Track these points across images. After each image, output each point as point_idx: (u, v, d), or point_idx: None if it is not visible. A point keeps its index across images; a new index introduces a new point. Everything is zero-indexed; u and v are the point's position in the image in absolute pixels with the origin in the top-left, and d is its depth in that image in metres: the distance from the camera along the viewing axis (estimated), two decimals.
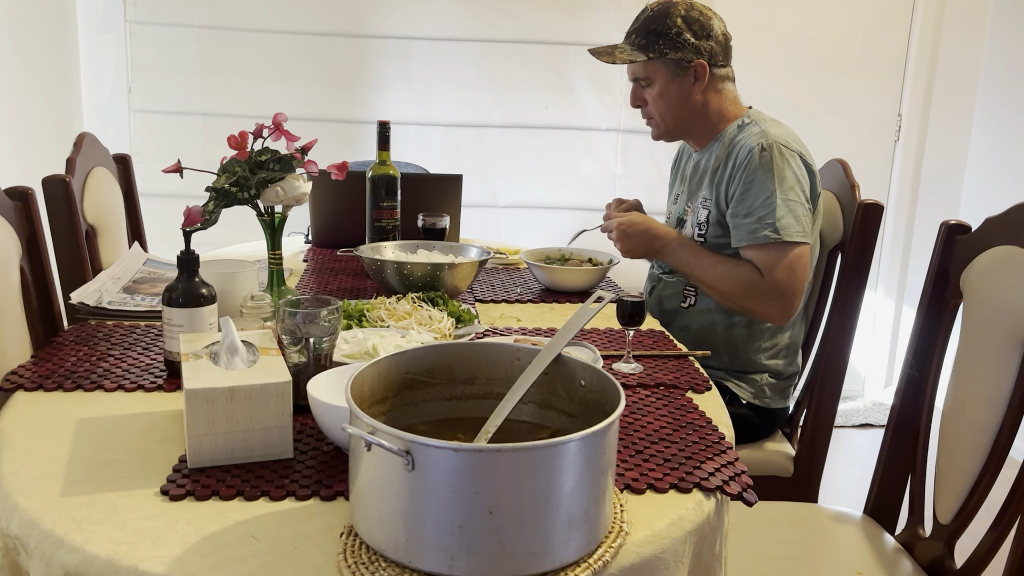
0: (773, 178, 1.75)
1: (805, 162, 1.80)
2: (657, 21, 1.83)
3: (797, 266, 1.75)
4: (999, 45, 3.44)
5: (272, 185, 1.54)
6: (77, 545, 0.87)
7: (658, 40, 1.82)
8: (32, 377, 1.31)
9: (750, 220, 1.76)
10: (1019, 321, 1.29)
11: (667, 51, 1.82)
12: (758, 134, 1.80)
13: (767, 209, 1.74)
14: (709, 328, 1.88)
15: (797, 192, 1.75)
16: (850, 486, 2.99)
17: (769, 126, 1.83)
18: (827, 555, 1.55)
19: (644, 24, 1.85)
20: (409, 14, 3.26)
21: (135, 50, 3.18)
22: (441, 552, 0.80)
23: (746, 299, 1.79)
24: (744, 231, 1.77)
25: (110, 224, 2.16)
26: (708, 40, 1.84)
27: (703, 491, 1.04)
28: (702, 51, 1.83)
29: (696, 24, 1.83)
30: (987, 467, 1.33)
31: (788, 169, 1.76)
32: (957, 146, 3.60)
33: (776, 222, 1.73)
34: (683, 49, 1.82)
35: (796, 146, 1.80)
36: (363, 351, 1.33)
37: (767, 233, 1.73)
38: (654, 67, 1.85)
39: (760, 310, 1.79)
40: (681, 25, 1.82)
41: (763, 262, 1.75)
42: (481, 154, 3.41)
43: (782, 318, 1.79)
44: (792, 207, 1.74)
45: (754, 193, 1.76)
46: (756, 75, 3.48)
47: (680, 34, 1.82)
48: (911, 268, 3.69)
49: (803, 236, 1.74)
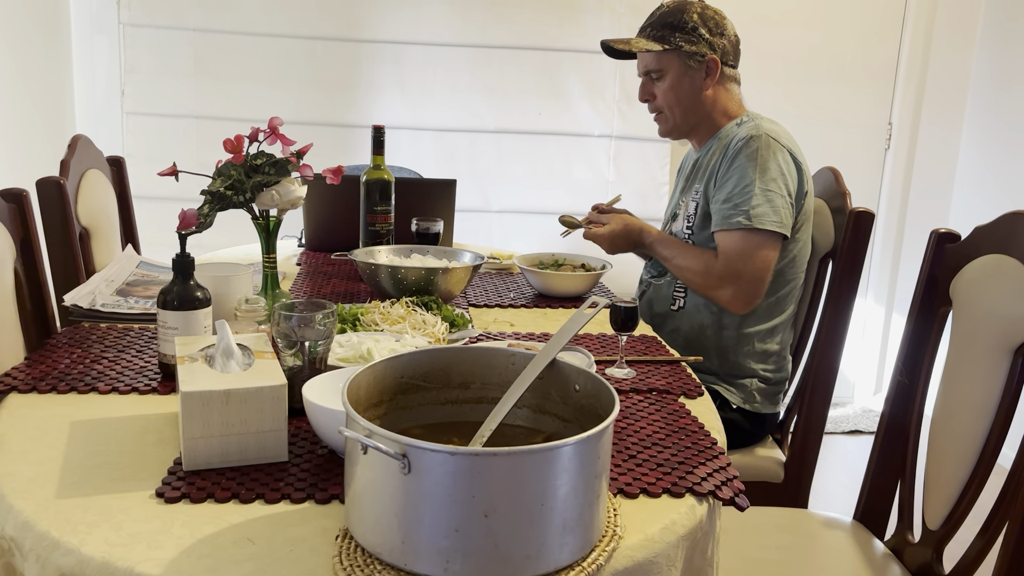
0: (756, 167, 1.78)
1: (794, 158, 1.83)
2: (674, 15, 1.88)
3: (758, 255, 1.76)
4: (989, 55, 3.47)
5: (267, 189, 1.54)
6: (72, 547, 0.87)
7: (674, 33, 1.87)
8: (26, 379, 1.31)
9: (727, 206, 1.80)
10: (1008, 329, 1.31)
11: (682, 44, 1.87)
12: (751, 127, 1.85)
13: (744, 196, 1.77)
14: (699, 331, 1.90)
15: (779, 184, 1.78)
16: (839, 492, 3.01)
17: (764, 122, 1.87)
18: (817, 560, 1.56)
19: (660, 18, 1.89)
20: (403, 19, 3.27)
21: (128, 52, 3.18)
22: (437, 555, 0.81)
23: (703, 284, 1.83)
24: (720, 216, 1.81)
25: (104, 226, 2.16)
26: (722, 38, 1.89)
27: (696, 496, 1.05)
28: (716, 47, 1.88)
29: (711, 22, 1.88)
30: (975, 474, 1.34)
31: (773, 161, 1.79)
32: (947, 155, 3.63)
33: (751, 209, 1.76)
34: (698, 43, 1.87)
35: (787, 142, 1.83)
36: (358, 355, 1.34)
37: (739, 219, 1.77)
38: (668, 59, 1.89)
39: (714, 295, 1.83)
40: (697, 21, 1.86)
41: (725, 247, 1.79)
42: (474, 159, 3.42)
43: (735, 304, 1.81)
44: (771, 197, 1.76)
45: (735, 180, 1.80)
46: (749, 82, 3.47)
47: (696, 29, 1.86)
48: (900, 275, 3.72)
49: (778, 226, 1.76)
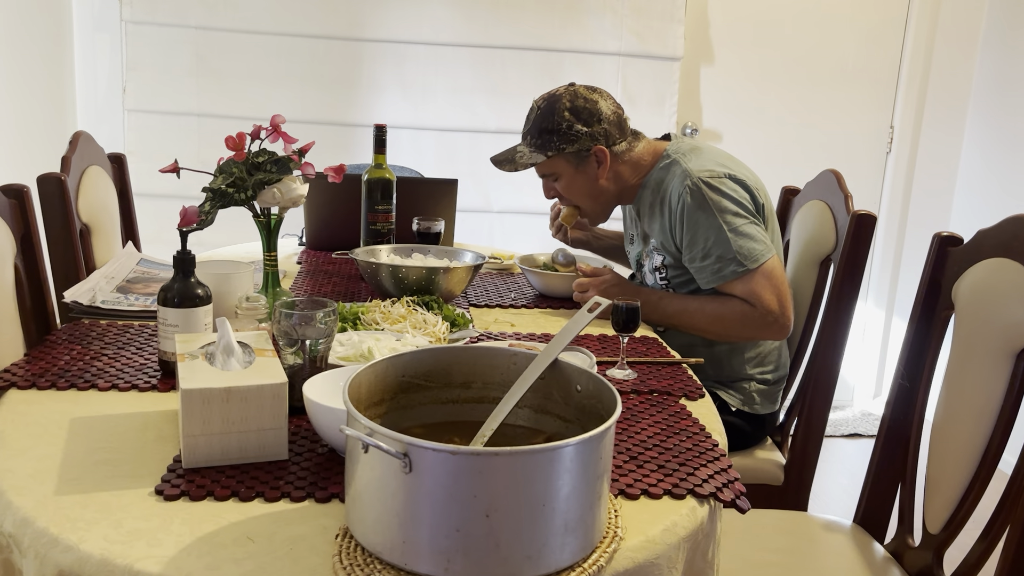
0: (713, 213, 1.74)
1: (736, 180, 1.78)
2: (546, 119, 1.82)
3: (776, 281, 1.75)
4: (991, 58, 3.47)
5: (269, 187, 1.54)
6: (71, 544, 0.87)
7: (552, 137, 1.82)
8: (25, 375, 1.31)
9: (710, 262, 1.75)
10: (1010, 333, 1.31)
11: (563, 146, 1.82)
12: (681, 174, 1.79)
13: (722, 247, 1.73)
14: (689, 345, 1.87)
15: (742, 215, 1.75)
16: (838, 495, 3.01)
17: (690, 161, 1.81)
18: (817, 563, 1.55)
19: (535, 124, 1.84)
20: (406, 18, 3.26)
21: (130, 50, 3.18)
22: (437, 555, 0.80)
23: (745, 330, 1.79)
24: (709, 273, 1.77)
25: (104, 223, 2.16)
26: (600, 124, 1.82)
27: (697, 498, 1.05)
28: (596, 136, 1.82)
29: (584, 112, 1.82)
30: (976, 478, 1.34)
31: (723, 198, 1.75)
32: (948, 158, 3.63)
33: (736, 254, 1.72)
34: (578, 139, 1.81)
35: (721, 170, 1.78)
36: (358, 354, 1.33)
37: (733, 269, 1.73)
38: (555, 163, 1.85)
39: (761, 335, 1.80)
40: (570, 118, 1.81)
41: (746, 293, 1.75)
42: (476, 159, 3.41)
43: (783, 334, 1.79)
44: (743, 230, 1.74)
45: (703, 235, 1.75)
46: (748, 88, 3.51)
47: (571, 127, 1.81)
48: (901, 278, 3.71)
49: (766, 252, 1.74)
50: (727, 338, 1.84)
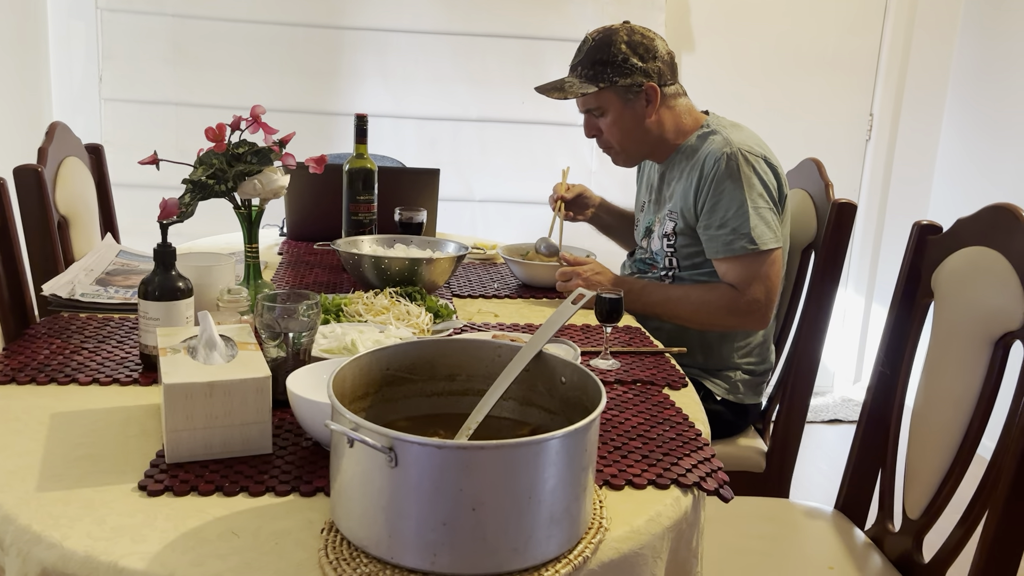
0: (742, 187, 1.75)
1: (770, 164, 1.80)
2: (601, 50, 1.81)
3: (772, 273, 1.77)
4: (969, 46, 3.50)
5: (249, 178, 1.53)
6: (55, 541, 0.86)
7: (605, 69, 1.81)
8: (4, 370, 1.29)
9: (724, 231, 1.76)
10: (989, 320, 1.32)
11: (616, 78, 1.81)
12: (721, 142, 1.80)
13: (740, 219, 1.75)
14: (682, 329, 1.88)
15: (766, 198, 1.77)
16: (819, 481, 3.04)
17: (731, 132, 1.82)
18: (799, 550, 1.57)
19: (589, 55, 1.83)
20: (386, 6, 3.24)
21: (106, 38, 3.14)
22: (424, 548, 0.81)
23: (728, 319, 1.80)
24: (720, 243, 1.78)
25: (82, 215, 2.13)
26: (655, 61, 1.82)
27: (681, 487, 1.05)
28: (650, 73, 1.82)
29: (641, 47, 1.81)
30: (955, 464, 1.36)
31: (755, 175, 1.76)
32: (927, 145, 3.66)
33: (751, 231, 1.74)
34: (632, 74, 1.80)
35: (760, 150, 1.80)
36: (342, 346, 1.33)
37: (743, 244, 1.74)
38: (605, 96, 1.84)
39: (742, 324, 1.82)
40: (626, 51, 1.80)
41: (739, 276, 1.76)
42: (457, 148, 3.41)
43: (762, 324, 1.81)
44: (763, 214, 1.75)
45: (725, 203, 1.76)
46: (730, 75, 3.51)
47: (627, 60, 1.80)
48: (880, 266, 3.74)
49: (776, 241, 1.76)
50: (709, 326, 1.85)
